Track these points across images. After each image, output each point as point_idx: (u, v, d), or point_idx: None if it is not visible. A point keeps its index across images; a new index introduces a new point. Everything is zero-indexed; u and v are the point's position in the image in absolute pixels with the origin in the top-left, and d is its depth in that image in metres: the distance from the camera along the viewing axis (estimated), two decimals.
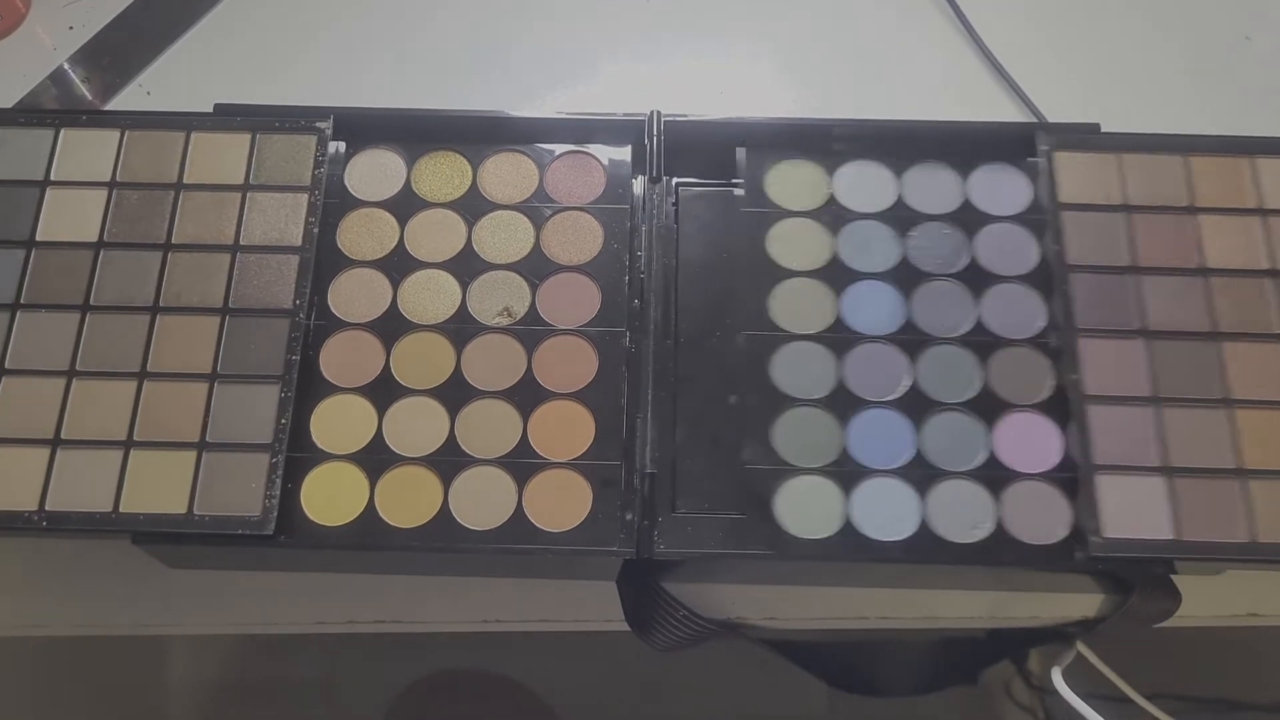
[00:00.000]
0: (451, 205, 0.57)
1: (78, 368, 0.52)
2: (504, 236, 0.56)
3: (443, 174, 0.58)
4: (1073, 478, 0.50)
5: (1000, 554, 0.49)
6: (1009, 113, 0.65)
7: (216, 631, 0.55)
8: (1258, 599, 0.54)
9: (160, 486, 0.50)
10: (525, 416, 0.53)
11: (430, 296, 0.55)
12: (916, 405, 0.52)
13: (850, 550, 0.50)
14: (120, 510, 0.49)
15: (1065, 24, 0.69)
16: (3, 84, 0.66)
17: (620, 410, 0.53)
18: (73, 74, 0.67)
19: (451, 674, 0.84)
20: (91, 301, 0.53)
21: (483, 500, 0.51)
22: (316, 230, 0.55)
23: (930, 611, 0.54)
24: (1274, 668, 0.98)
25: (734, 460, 0.52)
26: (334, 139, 0.57)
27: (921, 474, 0.51)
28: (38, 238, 0.55)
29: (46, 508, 0.50)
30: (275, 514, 0.49)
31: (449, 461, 0.52)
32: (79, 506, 0.50)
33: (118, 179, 0.56)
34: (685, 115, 0.58)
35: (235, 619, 0.55)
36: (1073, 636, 0.54)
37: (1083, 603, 0.55)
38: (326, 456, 0.52)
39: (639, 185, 0.57)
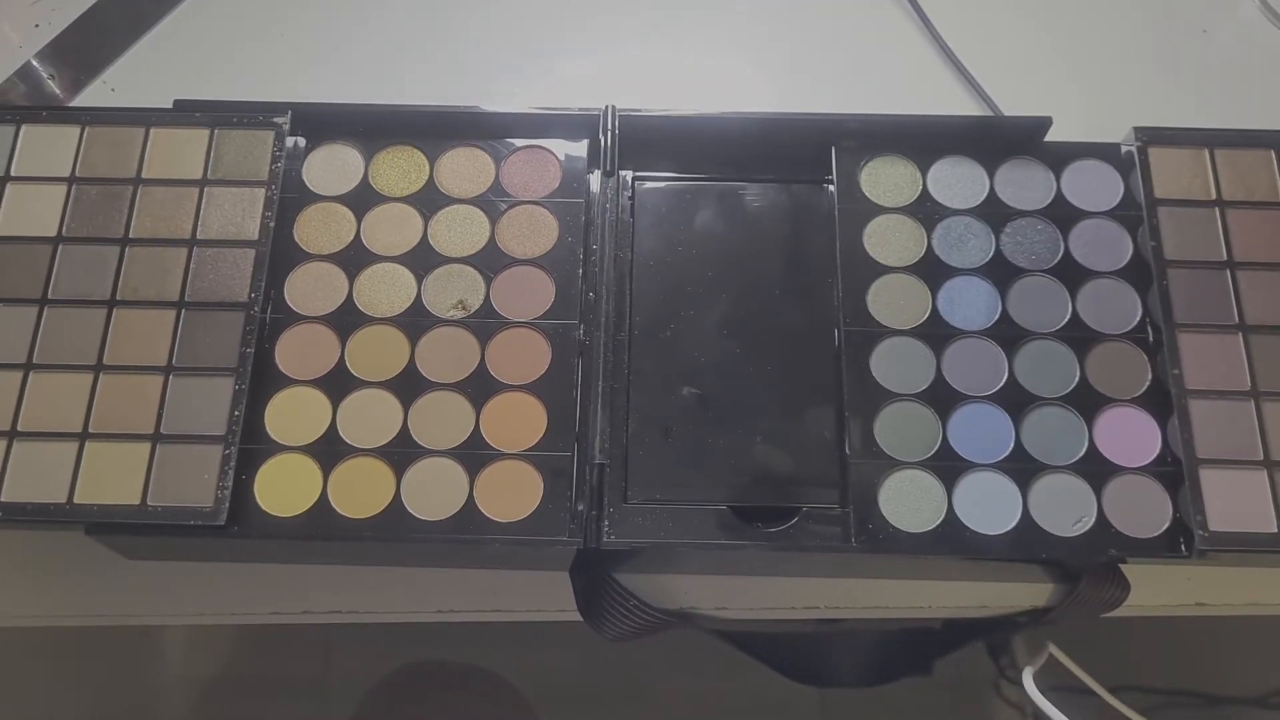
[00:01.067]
0: (408, 199, 0.57)
1: (34, 361, 0.53)
2: (460, 230, 0.57)
3: (400, 168, 0.58)
4: (1173, 471, 0.51)
5: (1103, 547, 0.50)
6: (965, 107, 0.65)
7: (173, 622, 0.55)
8: (1203, 589, 0.54)
9: (114, 478, 0.51)
10: (478, 408, 0.53)
11: (386, 290, 0.55)
12: (1016, 399, 0.53)
13: (954, 544, 0.50)
14: (74, 501, 0.50)
15: (1022, 19, 0.69)
16: None
17: (572, 402, 0.53)
18: (40, 70, 0.68)
19: (431, 664, 0.84)
20: (49, 295, 0.54)
21: (434, 491, 0.51)
22: (273, 224, 0.55)
23: (880, 602, 0.54)
24: (1248, 659, 0.98)
25: (685, 450, 0.52)
26: (293, 134, 0.58)
27: (1023, 468, 0.51)
28: None
29: (2, 499, 0.50)
30: (227, 505, 0.50)
31: (401, 453, 0.52)
32: (34, 498, 0.50)
33: (77, 174, 0.57)
34: (640, 110, 0.58)
35: (192, 609, 0.55)
36: (1025, 627, 0.54)
37: (1031, 592, 0.55)
38: (280, 448, 0.52)
39: (595, 179, 0.58)
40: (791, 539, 0.51)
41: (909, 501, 0.51)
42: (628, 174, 0.58)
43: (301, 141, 0.58)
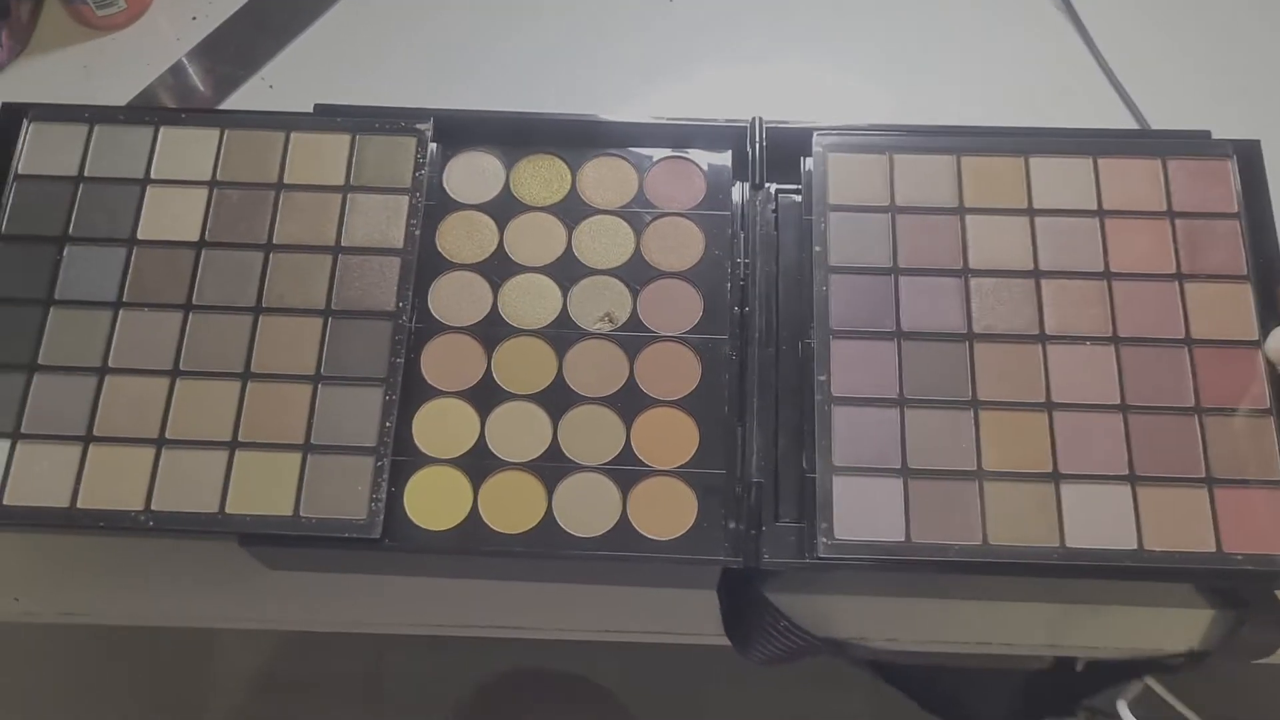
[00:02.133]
0: (551, 209, 0.57)
1: (181, 367, 0.52)
2: (604, 241, 0.56)
3: (541, 177, 0.57)
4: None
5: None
6: (1119, 118, 0.64)
7: (323, 629, 0.55)
8: None
9: (265, 488, 0.50)
10: (628, 423, 0.52)
11: (531, 301, 0.55)
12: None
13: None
14: (226, 511, 0.49)
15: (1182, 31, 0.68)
16: (125, 74, 0.66)
17: (724, 418, 0.52)
18: (191, 67, 0.67)
19: (531, 673, 0.83)
20: (194, 301, 0.53)
21: (586, 507, 0.51)
22: (418, 232, 0.55)
23: (1034, 639, 0.53)
24: None
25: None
26: (435, 141, 0.57)
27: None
28: (139, 236, 0.55)
29: (153, 508, 0.49)
30: (381, 517, 0.49)
31: (552, 467, 0.51)
32: (185, 507, 0.50)
33: (218, 178, 0.56)
34: (786, 121, 0.57)
35: (344, 618, 0.55)
36: (1180, 670, 0.53)
37: (1186, 633, 0.54)
38: (429, 460, 0.51)
39: (739, 191, 0.57)
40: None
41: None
42: (772, 187, 0.57)
43: (439, 149, 0.58)
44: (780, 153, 0.57)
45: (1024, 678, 0.57)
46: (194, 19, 0.68)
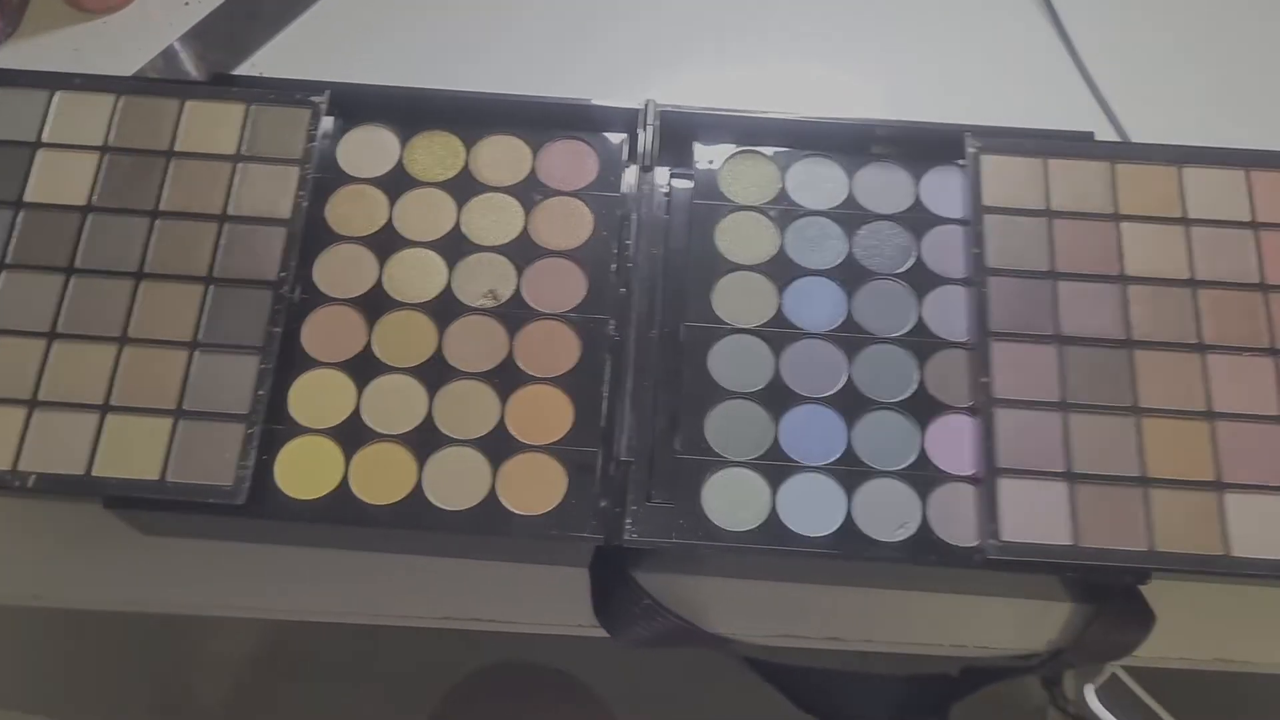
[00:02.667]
0: (442, 185, 0.57)
1: (59, 330, 0.52)
2: (493, 219, 0.56)
3: (436, 154, 0.57)
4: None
5: (921, 553, 0.49)
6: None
7: (188, 611, 0.55)
8: (1225, 643, 0.53)
9: (135, 452, 0.50)
10: (504, 399, 0.52)
11: (416, 275, 0.55)
12: (852, 403, 0.52)
13: (772, 541, 0.50)
14: (93, 473, 0.49)
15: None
16: (115, 58, 0.66)
17: (600, 398, 0.52)
18: (183, 52, 0.67)
19: (508, 667, 0.82)
20: (76, 265, 0.53)
21: (457, 480, 0.51)
22: (305, 204, 0.55)
23: (921, 637, 0.53)
24: None
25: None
26: (330, 114, 0.57)
27: (851, 471, 0.51)
28: (26, 199, 0.55)
29: (19, 468, 0.49)
30: (247, 484, 0.49)
31: (425, 440, 0.51)
32: (53, 468, 0.49)
33: (110, 144, 0.56)
34: (680, 106, 0.57)
35: (214, 596, 0.55)
36: (1040, 669, 0.53)
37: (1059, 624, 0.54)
38: (303, 430, 0.52)
39: (632, 174, 0.57)
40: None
41: (733, 499, 0.51)
42: (665, 171, 0.58)
43: (337, 122, 0.58)
44: (676, 137, 0.57)
45: (900, 681, 0.57)
46: (186, 4, 0.68)
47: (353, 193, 0.56)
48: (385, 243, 0.55)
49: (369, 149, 0.57)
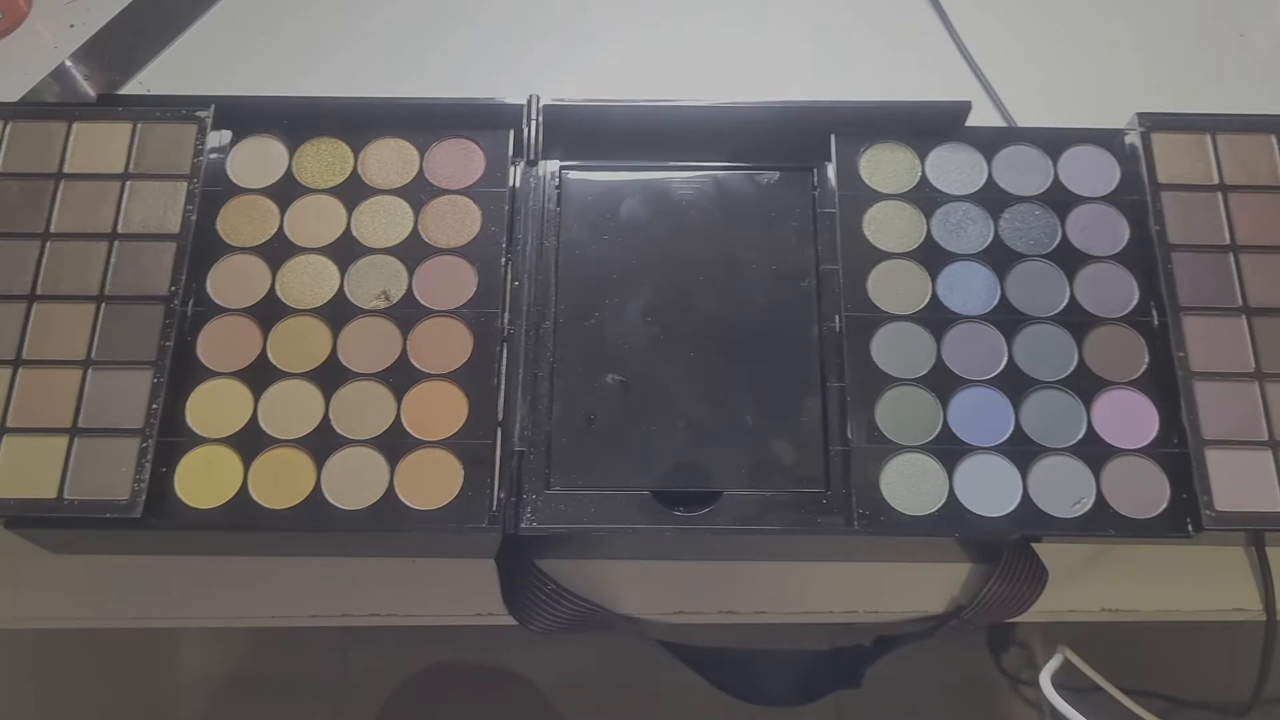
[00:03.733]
0: (332, 191, 0.57)
1: None
2: (383, 221, 0.57)
3: (324, 160, 0.58)
4: (1171, 453, 0.51)
5: (1102, 526, 0.50)
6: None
7: (104, 625, 0.55)
8: (1110, 594, 0.54)
9: (32, 472, 0.51)
10: (399, 397, 0.53)
11: (309, 281, 0.55)
12: (1015, 383, 0.53)
13: (956, 526, 0.50)
14: None
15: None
16: (4, 81, 0.66)
17: (494, 390, 0.53)
18: (75, 71, 0.68)
19: (451, 667, 0.83)
20: None
21: (355, 481, 0.51)
22: (195, 218, 0.55)
23: (813, 605, 0.54)
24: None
25: (609, 437, 0.53)
26: (222, 127, 0.58)
27: (1023, 450, 0.51)
28: None
29: None
30: (143, 497, 0.50)
31: (322, 443, 0.52)
32: None
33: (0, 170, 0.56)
34: (566, 100, 0.58)
35: (120, 611, 0.55)
36: (945, 626, 0.54)
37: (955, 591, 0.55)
38: (201, 440, 0.52)
39: (520, 169, 0.58)
40: (743, 518, 0.51)
41: (910, 484, 0.51)
42: (554, 164, 0.58)
43: (230, 135, 0.58)
44: (564, 131, 0.58)
45: (813, 655, 0.58)
46: (71, 26, 0.69)
47: (243, 203, 0.57)
48: (277, 251, 0.56)
49: (258, 159, 0.58)
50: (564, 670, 0.93)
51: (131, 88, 0.66)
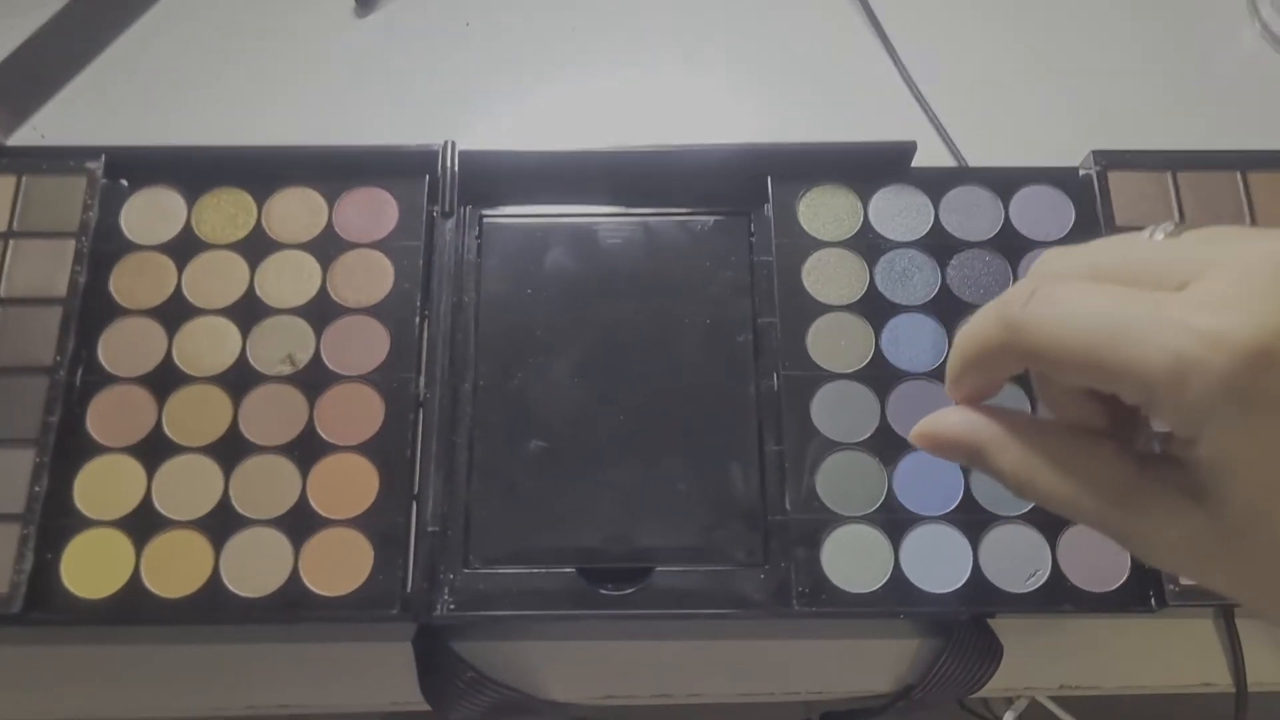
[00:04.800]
0: (234, 246, 0.53)
1: None
2: (289, 279, 0.53)
3: (226, 213, 0.54)
4: None
5: (1058, 601, 0.47)
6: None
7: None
8: (1066, 669, 0.51)
9: None
10: (305, 472, 0.49)
11: (209, 346, 0.52)
12: None
13: (902, 602, 0.47)
14: None
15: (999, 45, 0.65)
16: None
17: (408, 462, 0.49)
18: None
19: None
20: None
21: (256, 565, 0.48)
22: (83, 279, 0.51)
23: (752, 686, 0.51)
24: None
25: (532, 508, 0.49)
26: (116, 178, 0.54)
27: (973, 519, 0.48)
28: None
29: None
30: (24, 589, 0.46)
31: (221, 524, 0.48)
32: None
33: None
34: (485, 147, 0.54)
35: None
36: (892, 707, 0.51)
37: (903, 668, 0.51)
38: (90, 523, 0.48)
39: (435, 221, 0.54)
40: (672, 601, 0.47)
41: (854, 558, 0.48)
42: (475, 211, 0.55)
43: (126, 186, 0.54)
44: (483, 178, 0.54)
45: None
46: None
47: (138, 261, 0.53)
48: (175, 313, 0.52)
49: (154, 213, 0.54)
50: None
51: (24, 131, 0.61)
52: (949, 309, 0.52)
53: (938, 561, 0.48)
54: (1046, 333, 0.24)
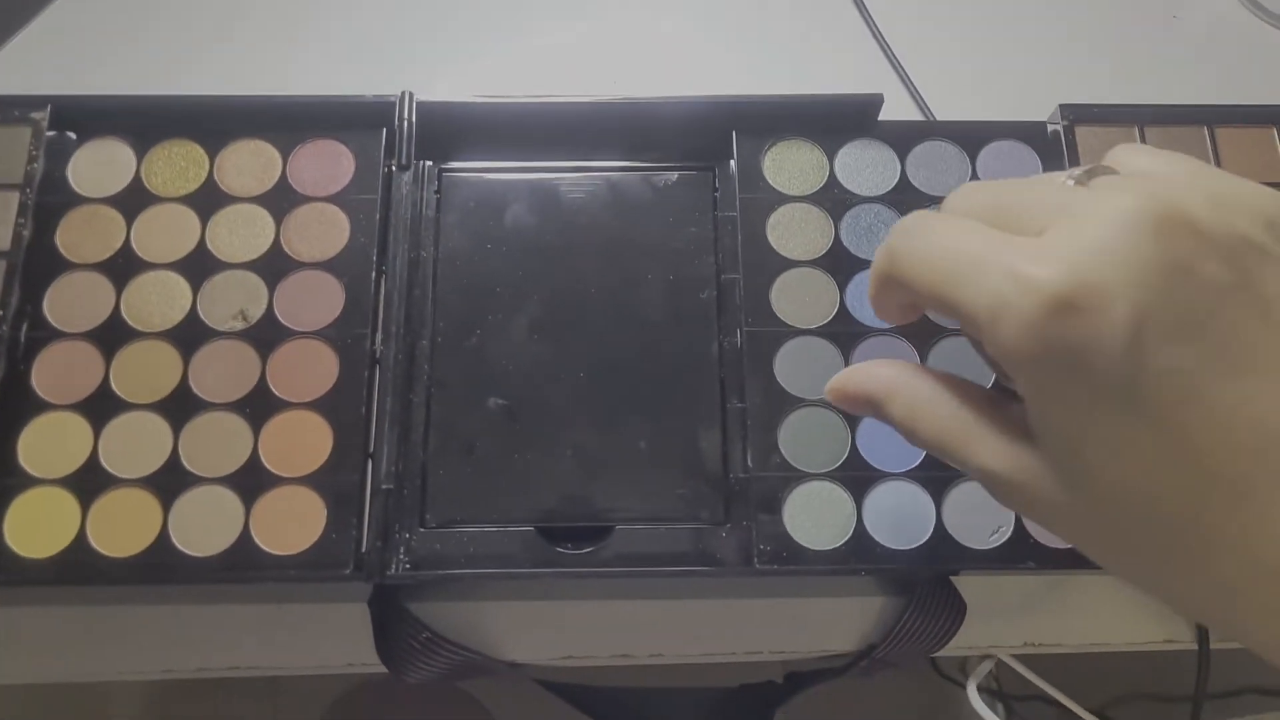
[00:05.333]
0: (185, 199, 0.52)
1: None
2: (242, 233, 0.52)
3: (176, 165, 0.53)
4: None
5: (1020, 558, 0.47)
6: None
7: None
8: (1030, 627, 0.51)
9: None
10: (257, 429, 0.48)
11: (158, 301, 0.50)
12: None
13: (864, 559, 0.46)
14: None
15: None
16: None
17: (362, 419, 0.48)
18: None
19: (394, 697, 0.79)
20: None
21: (206, 523, 0.47)
22: (27, 232, 0.50)
23: (714, 646, 0.50)
24: None
25: (490, 467, 0.48)
26: (62, 129, 0.52)
27: (936, 476, 0.48)
28: None
29: None
30: None
31: (170, 482, 0.47)
32: None
33: None
34: (443, 97, 0.53)
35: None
36: (859, 665, 0.50)
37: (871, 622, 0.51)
38: (34, 481, 0.47)
39: (393, 173, 0.53)
40: (632, 559, 0.47)
41: (816, 516, 0.47)
42: (433, 166, 0.53)
43: (74, 138, 0.53)
44: (442, 131, 0.53)
45: (721, 692, 0.54)
46: None
47: (85, 214, 0.52)
48: (123, 267, 0.51)
49: (103, 165, 0.53)
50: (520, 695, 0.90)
51: None
52: None
53: (901, 518, 0.47)
54: (906, 264, 0.26)
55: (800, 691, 0.52)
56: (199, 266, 0.51)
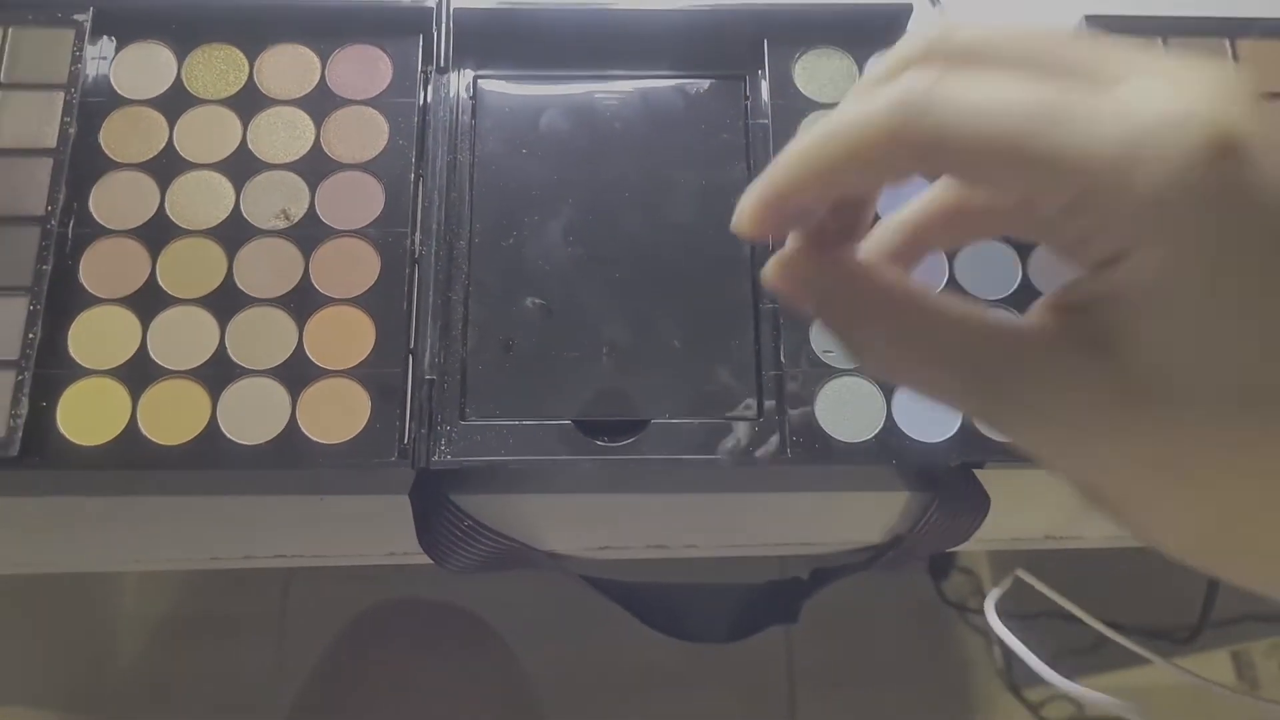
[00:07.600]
0: (226, 102, 0.53)
1: None
2: (282, 135, 0.52)
3: (217, 69, 0.53)
4: None
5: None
6: None
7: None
8: (1051, 521, 0.52)
9: None
10: (301, 324, 0.49)
11: (201, 200, 0.51)
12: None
13: (894, 453, 0.48)
14: None
15: None
16: None
17: (403, 315, 0.50)
18: None
19: (402, 603, 0.80)
20: None
21: (254, 413, 0.48)
22: (73, 131, 0.51)
23: (746, 538, 0.51)
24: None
25: (528, 364, 0.49)
26: (104, 32, 0.53)
27: None
28: None
29: None
30: (20, 434, 0.46)
31: (218, 374, 0.48)
32: None
33: None
34: (481, 4, 0.54)
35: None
36: (885, 557, 0.52)
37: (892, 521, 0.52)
38: (85, 372, 0.48)
39: (430, 78, 0.53)
40: (666, 451, 0.48)
41: (846, 409, 0.48)
42: (469, 73, 0.54)
43: (114, 41, 0.53)
44: (479, 37, 0.54)
45: (747, 589, 0.56)
46: None
47: (129, 115, 0.52)
48: (166, 167, 0.52)
49: (144, 68, 0.53)
50: (517, 604, 0.92)
51: None
52: None
53: (929, 412, 0.48)
54: (961, 118, 0.20)
55: (825, 585, 0.53)
56: (241, 167, 0.52)
